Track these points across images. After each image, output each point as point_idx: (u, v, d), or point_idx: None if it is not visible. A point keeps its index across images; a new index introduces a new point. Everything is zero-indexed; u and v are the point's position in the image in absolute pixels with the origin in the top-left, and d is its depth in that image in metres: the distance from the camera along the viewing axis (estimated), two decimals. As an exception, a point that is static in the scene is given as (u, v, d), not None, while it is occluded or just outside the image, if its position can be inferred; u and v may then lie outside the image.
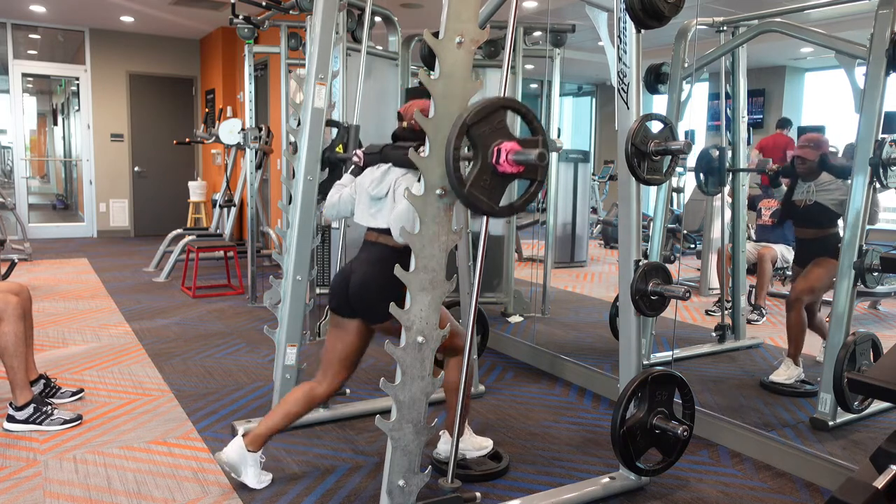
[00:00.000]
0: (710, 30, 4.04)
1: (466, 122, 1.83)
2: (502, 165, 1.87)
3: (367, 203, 2.43)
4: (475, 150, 1.88)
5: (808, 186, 3.64)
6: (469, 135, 1.85)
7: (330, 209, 2.62)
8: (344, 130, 3.04)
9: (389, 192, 2.35)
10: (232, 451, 2.44)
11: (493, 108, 1.88)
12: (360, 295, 2.35)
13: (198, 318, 5.01)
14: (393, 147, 2.42)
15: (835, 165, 3.60)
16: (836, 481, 2.49)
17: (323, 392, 2.50)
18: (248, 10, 4.93)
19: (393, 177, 2.36)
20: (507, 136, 1.90)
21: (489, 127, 1.87)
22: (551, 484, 2.55)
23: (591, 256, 7.67)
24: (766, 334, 4.51)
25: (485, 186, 1.89)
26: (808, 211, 3.62)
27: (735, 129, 4.15)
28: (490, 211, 1.94)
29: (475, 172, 1.87)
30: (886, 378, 1.40)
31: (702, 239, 5.51)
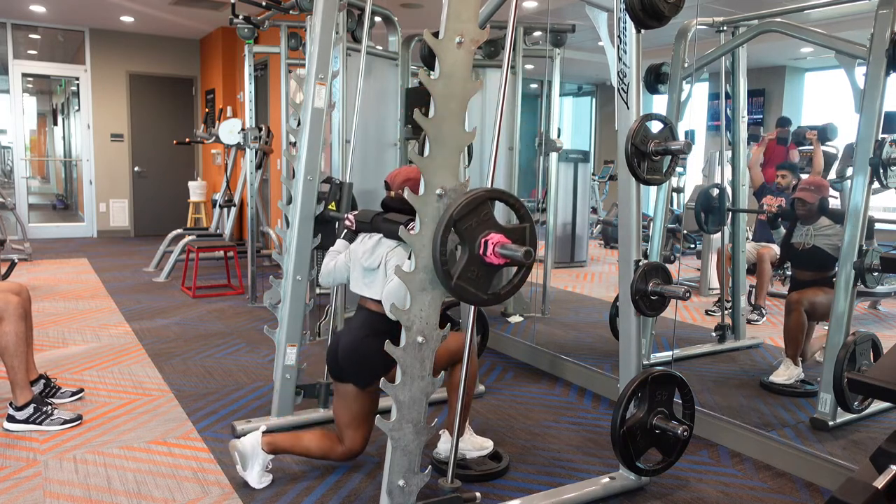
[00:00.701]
0: (710, 30, 4.03)
1: (453, 217, 1.85)
2: (489, 257, 1.89)
3: (361, 273, 2.46)
4: (462, 243, 1.90)
5: (807, 230, 3.66)
6: (456, 228, 1.87)
7: (326, 276, 2.63)
8: (336, 188, 3.05)
9: (381, 265, 2.37)
10: (248, 443, 2.47)
11: (480, 201, 1.90)
12: (347, 358, 2.39)
13: (198, 318, 5.01)
14: (383, 219, 2.42)
15: (834, 211, 3.64)
16: (836, 481, 2.49)
17: (342, 452, 2.51)
18: (248, 10, 4.93)
19: (384, 249, 2.38)
20: (494, 227, 1.91)
21: (476, 219, 1.89)
22: (551, 484, 2.55)
23: (591, 256, 7.67)
24: (766, 334, 4.51)
25: (472, 278, 1.91)
26: (807, 254, 3.63)
27: (735, 129, 4.15)
28: (478, 301, 1.97)
29: (462, 264, 1.89)
30: (886, 378, 1.40)
31: (702, 239, 5.51)
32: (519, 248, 1.86)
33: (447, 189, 1.95)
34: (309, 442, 2.50)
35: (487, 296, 1.96)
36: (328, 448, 2.50)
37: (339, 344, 2.44)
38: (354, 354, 2.38)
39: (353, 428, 2.48)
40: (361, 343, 2.37)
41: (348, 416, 2.48)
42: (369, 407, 2.47)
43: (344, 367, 2.41)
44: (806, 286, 3.64)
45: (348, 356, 2.39)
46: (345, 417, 2.49)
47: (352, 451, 2.51)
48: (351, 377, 2.41)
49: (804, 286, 3.65)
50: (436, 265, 1.89)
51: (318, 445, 2.50)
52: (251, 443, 2.46)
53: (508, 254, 1.88)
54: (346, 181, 3.09)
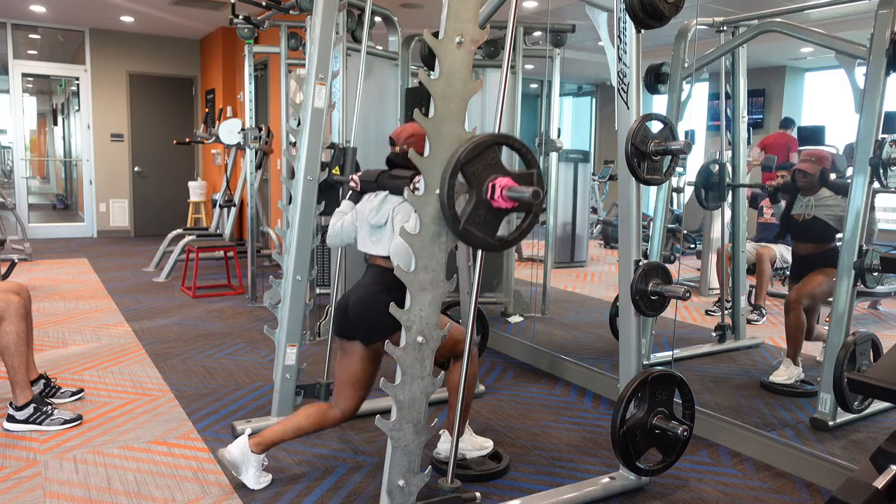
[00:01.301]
0: (710, 30, 4.04)
1: (460, 160, 1.85)
2: (497, 201, 1.88)
3: (368, 231, 2.46)
4: (470, 186, 1.89)
5: (807, 201, 3.65)
6: (463, 172, 1.86)
7: (333, 237, 2.63)
8: (340, 152, 3.05)
9: (388, 222, 2.37)
10: (235, 450, 2.45)
11: (487, 145, 1.89)
12: (356, 313, 2.38)
13: (198, 318, 5.01)
14: (389, 176, 2.43)
15: (835, 181, 3.62)
16: (836, 481, 2.49)
17: (337, 415, 2.50)
18: (248, 10, 4.93)
19: (390, 205, 2.39)
20: (502, 171, 1.91)
21: (483, 163, 1.88)
22: (551, 484, 2.55)
23: (591, 256, 7.67)
24: (766, 334, 4.51)
25: (480, 222, 1.91)
26: (807, 225, 3.63)
27: (735, 129, 4.15)
28: (485, 245, 1.96)
29: (470, 209, 1.88)
30: (886, 378, 1.40)
31: (702, 239, 5.51)
32: (526, 189, 1.84)
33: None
34: (299, 421, 2.47)
35: (495, 241, 1.94)
36: (321, 418, 2.48)
37: (350, 299, 2.41)
38: (366, 309, 2.35)
39: (353, 388, 2.47)
40: (373, 298, 2.33)
41: (350, 375, 2.46)
42: (371, 369, 2.47)
43: (353, 323, 2.39)
44: (806, 260, 3.63)
45: (359, 311, 2.36)
46: (346, 377, 2.47)
47: (346, 412, 2.50)
48: (359, 333, 2.39)
49: (805, 260, 3.64)
50: (443, 208, 1.87)
51: (310, 420, 2.47)
52: (239, 449, 2.44)
53: (516, 196, 1.86)
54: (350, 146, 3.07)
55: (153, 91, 9.71)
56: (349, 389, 2.48)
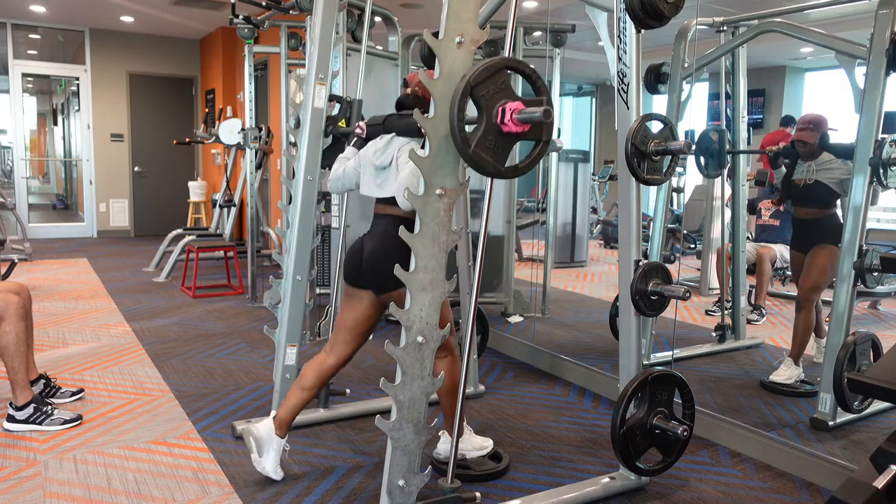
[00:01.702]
0: (710, 30, 4.03)
1: (470, 83, 1.83)
2: (507, 125, 1.86)
3: (372, 174, 2.44)
4: (479, 111, 1.87)
5: (808, 166, 3.60)
6: (473, 95, 1.85)
7: (335, 182, 2.63)
8: (346, 105, 3.03)
9: (393, 162, 2.35)
10: (263, 429, 2.48)
11: (497, 69, 1.87)
12: (371, 265, 2.38)
13: (198, 318, 5.01)
14: (397, 116, 2.42)
15: (836, 144, 3.57)
16: (836, 481, 2.49)
17: (333, 362, 2.54)
18: (248, 10, 4.93)
19: (396, 146, 2.37)
20: (511, 95, 1.89)
21: (493, 87, 1.87)
22: (551, 484, 2.55)
23: (591, 256, 7.67)
24: (766, 334, 4.51)
25: (490, 147, 1.89)
26: (809, 190, 3.57)
27: (735, 129, 4.15)
28: (495, 172, 1.94)
29: (480, 132, 1.86)
30: (886, 378, 1.40)
31: (702, 239, 5.51)
32: (537, 109, 1.83)
33: (447, 189, 1.94)
34: (300, 382, 2.52)
35: (505, 168, 1.93)
36: (319, 371, 2.53)
37: (364, 250, 2.40)
38: (379, 262, 2.33)
39: (354, 334, 2.50)
40: (387, 251, 2.31)
41: (354, 321, 2.49)
42: (375, 318, 2.50)
43: (367, 273, 2.39)
44: (807, 227, 3.62)
45: (372, 264, 2.36)
46: (350, 321, 2.49)
47: (341, 358, 2.54)
48: (373, 284, 2.39)
49: (805, 227, 3.63)
50: (453, 132, 1.86)
51: (312, 378, 2.52)
52: (266, 427, 2.48)
53: (526, 117, 1.84)
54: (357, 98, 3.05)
55: (153, 91, 9.71)
56: (349, 334, 2.51)
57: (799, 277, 3.67)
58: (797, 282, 3.71)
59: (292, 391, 2.54)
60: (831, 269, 3.40)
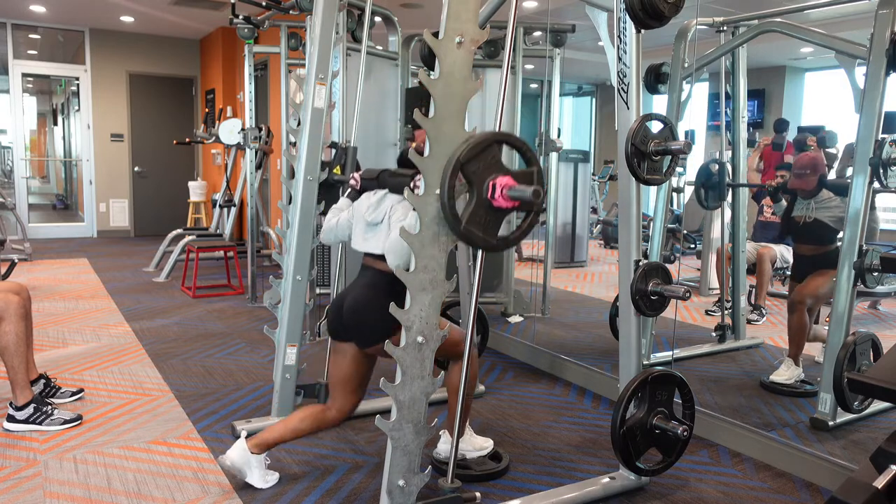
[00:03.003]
0: (710, 30, 4.04)
1: (460, 160, 1.84)
2: (497, 201, 1.87)
3: (364, 228, 2.43)
4: (470, 186, 1.88)
5: (807, 203, 3.65)
6: (463, 171, 1.85)
7: (327, 233, 2.62)
8: (342, 152, 3.05)
9: (384, 219, 2.35)
10: (235, 455, 2.44)
11: (487, 144, 1.88)
12: (351, 317, 2.36)
13: (198, 318, 5.01)
14: (391, 174, 2.42)
15: (834, 182, 3.63)
16: (836, 481, 2.49)
17: (333, 417, 2.50)
18: (248, 10, 4.93)
19: (388, 203, 2.37)
20: (502, 170, 1.90)
21: (483, 162, 1.88)
22: (551, 484, 2.55)
23: (591, 256, 7.67)
24: (766, 334, 4.51)
25: (480, 222, 1.90)
26: (808, 227, 3.63)
27: (735, 129, 4.15)
28: (486, 246, 1.95)
29: (471, 208, 1.87)
30: (886, 378, 1.40)
31: (702, 239, 5.51)
32: (527, 188, 1.83)
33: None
34: (296, 422, 2.47)
35: (497, 240, 1.94)
36: (318, 419, 2.48)
37: (344, 302, 2.40)
38: (360, 313, 2.34)
39: (348, 390, 2.47)
40: (368, 302, 2.32)
41: (344, 376, 2.45)
42: (366, 369, 2.46)
43: (348, 326, 2.38)
44: (808, 261, 3.64)
45: (353, 315, 2.35)
46: (340, 377, 2.46)
47: (342, 413, 2.49)
48: (354, 336, 2.38)
49: (806, 261, 3.65)
50: (444, 209, 1.86)
51: (308, 422, 2.47)
52: (238, 452, 2.44)
53: (517, 195, 1.85)
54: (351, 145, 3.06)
55: (153, 91, 9.71)
56: (343, 391, 2.47)
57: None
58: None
59: (285, 427, 2.46)
60: (829, 287, 3.42)
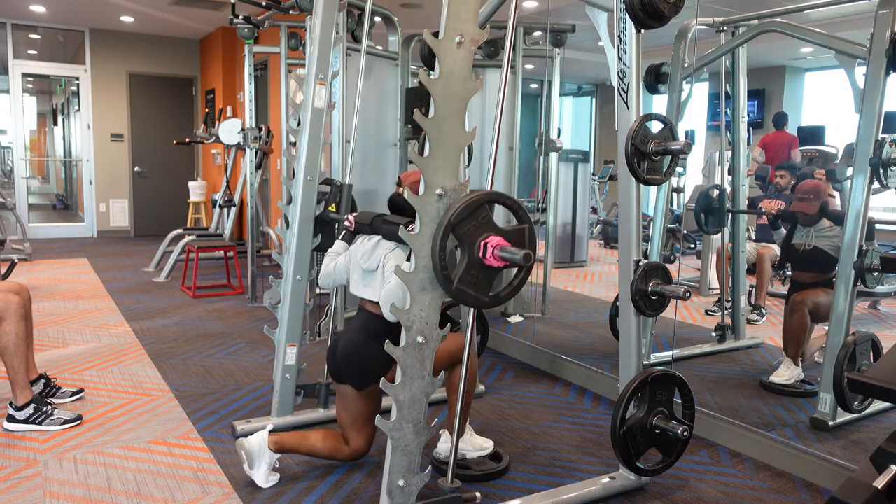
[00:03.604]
0: (710, 30, 4.03)
1: (451, 222, 1.86)
2: (489, 260, 1.89)
3: (360, 275, 2.46)
4: (461, 245, 1.90)
5: (807, 231, 3.66)
6: (455, 233, 1.87)
7: (325, 278, 2.64)
8: (336, 189, 3.05)
9: (379, 267, 2.36)
10: (255, 442, 2.47)
11: (479, 204, 1.90)
12: (345, 360, 2.39)
13: (198, 318, 5.01)
14: (384, 221, 2.43)
15: (834, 212, 3.64)
16: (836, 481, 2.49)
17: (348, 453, 2.53)
18: (248, 10, 4.93)
19: (382, 251, 2.38)
20: (493, 229, 1.92)
21: (475, 223, 1.89)
22: (551, 484, 2.55)
23: (591, 256, 7.67)
24: (766, 334, 4.51)
25: (472, 281, 1.92)
26: (808, 255, 3.64)
27: (735, 129, 4.15)
28: (478, 304, 1.97)
29: (462, 268, 1.89)
30: (886, 378, 1.40)
31: (702, 239, 5.51)
32: (518, 251, 1.87)
33: (447, 189, 1.94)
34: (315, 441, 2.51)
35: (488, 298, 1.96)
36: (335, 448, 2.51)
37: (338, 345, 2.44)
38: (352, 357, 2.38)
39: (355, 429, 2.49)
40: (359, 346, 2.37)
41: (349, 417, 2.49)
42: (370, 408, 2.47)
43: (342, 369, 2.42)
44: (806, 288, 3.64)
45: (346, 358, 2.39)
46: (346, 418, 2.50)
47: (356, 452, 2.52)
48: (349, 379, 2.42)
49: (805, 288, 3.64)
50: (435, 270, 1.90)
51: (325, 445, 2.50)
52: (258, 442, 2.47)
53: (508, 256, 1.88)
54: (346, 182, 3.09)
55: (153, 91, 9.71)
56: (352, 431, 2.50)
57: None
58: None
59: (304, 442, 2.50)
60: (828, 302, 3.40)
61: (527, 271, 1.98)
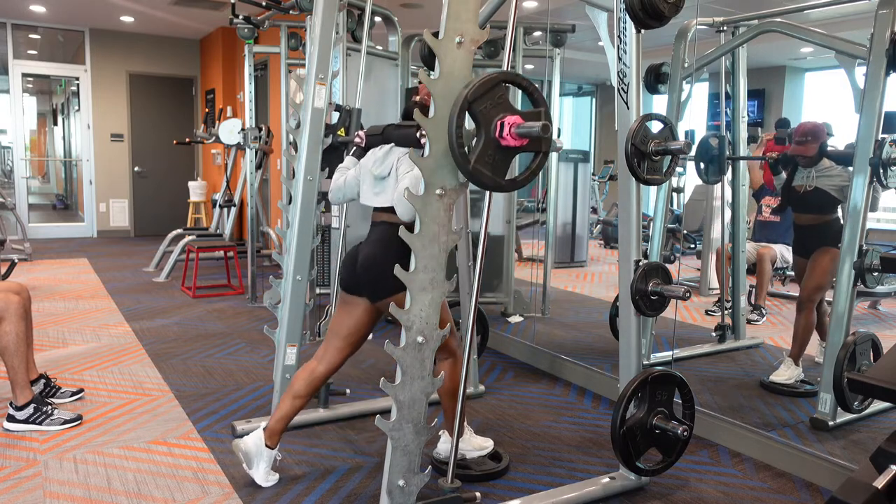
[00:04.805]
0: (710, 30, 4.03)
1: (468, 99, 1.83)
2: (506, 139, 1.86)
3: (371, 183, 2.44)
4: (478, 126, 1.87)
5: (808, 172, 3.61)
6: (471, 111, 1.85)
7: (335, 192, 2.63)
8: (346, 114, 3.04)
9: (392, 172, 2.36)
10: (251, 442, 2.46)
11: (494, 83, 1.87)
12: (364, 272, 2.37)
13: (198, 318, 5.01)
14: (395, 127, 2.42)
15: (834, 151, 3.58)
16: (836, 481, 2.49)
17: (323, 370, 2.52)
18: (248, 10, 4.93)
19: (395, 156, 2.37)
20: (509, 109, 1.89)
21: (491, 102, 1.87)
22: (551, 484, 2.55)
23: (591, 256, 7.67)
24: (766, 334, 4.51)
25: (489, 161, 1.89)
26: (809, 196, 3.59)
27: (735, 129, 4.15)
28: (495, 186, 1.94)
29: (479, 148, 1.86)
30: (886, 378, 1.40)
31: (702, 239, 5.51)
32: (535, 123, 1.83)
33: (447, 189, 1.94)
34: (292, 392, 2.49)
35: (505, 181, 1.93)
36: (311, 378, 2.50)
37: (357, 257, 2.41)
38: (374, 268, 2.34)
39: (347, 342, 2.49)
40: (382, 257, 2.33)
41: (347, 328, 2.48)
42: (368, 325, 2.49)
43: (361, 281, 2.39)
44: (808, 233, 3.63)
45: (367, 270, 2.36)
46: (343, 328, 2.48)
47: (331, 366, 2.52)
48: (367, 291, 2.39)
49: (806, 233, 3.64)
50: (452, 148, 1.86)
51: (302, 384, 2.49)
52: (254, 441, 2.46)
53: (525, 131, 1.84)
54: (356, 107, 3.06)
55: (153, 91, 9.71)
56: (342, 342, 2.50)
57: (801, 280, 3.67)
58: (800, 283, 3.71)
59: (283, 400, 2.52)
60: (833, 271, 3.40)
61: (544, 156, 1.95)
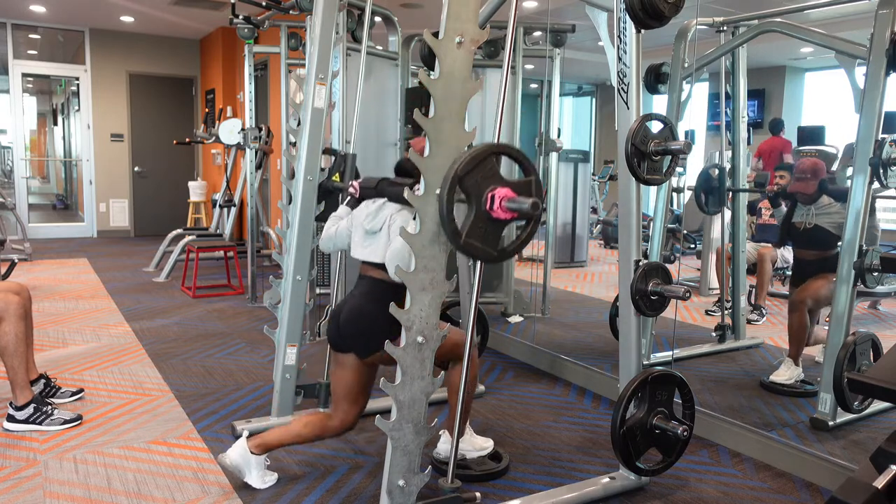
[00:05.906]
0: (710, 30, 4.03)
1: (458, 174, 1.83)
2: (496, 212, 1.87)
3: (362, 237, 2.43)
4: (468, 199, 1.88)
5: (807, 209, 3.65)
6: (462, 185, 1.85)
7: (326, 241, 2.61)
8: (341, 159, 3.05)
9: (384, 228, 2.35)
10: (235, 454, 2.44)
11: (484, 156, 1.88)
12: (349, 326, 2.36)
13: (198, 318, 5.01)
14: (389, 183, 2.42)
15: (834, 189, 3.62)
16: (836, 481, 2.49)
17: (336, 425, 2.48)
18: (248, 10, 4.93)
19: (387, 212, 2.37)
20: (500, 181, 1.89)
21: (481, 175, 1.87)
22: (551, 484, 2.55)
23: (591, 256, 7.67)
24: (766, 334, 4.51)
25: (480, 234, 1.89)
26: (808, 233, 3.63)
27: (735, 129, 4.15)
28: (486, 258, 1.94)
29: (470, 221, 1.87)
30: (886, 378, 1.40)
31: (702, 239, 5.51)
32: (526, 200, 1.83)
33: (447, 189, 1.94)
34: (300, 428, 2.46)
35: (497, 252, 1.93)
36: (320, 427, 2.47)
37: (342, 313, 2.40)
38: (357, 324, 2.34)
39: (350, 401, 2.45)
40: (365, 311, 2.33)
41: (346, 387, 2.44)
42: (367, 379, 2.45)
43: (346, 337, 2.37)
44: (808, 266, 3.64)
45: (350, 326, 2.35)
46: (342, 389, 2.45)
47: (345, 423, 2.47)
48: (352, 347, 2.38)
49: (806, 266, 3.65)
50: (443, 223, 1.86)
51: (310, 429, 2.46)
52: (238, 452, 2.44)
53: (515, 206, 1.85)
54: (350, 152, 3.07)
55: (153, 91, 9.71)
56: (345, 402, 2.46)
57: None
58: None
59: (287, 432, 2.47)
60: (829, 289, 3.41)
61: (535, 223, 1.95)
